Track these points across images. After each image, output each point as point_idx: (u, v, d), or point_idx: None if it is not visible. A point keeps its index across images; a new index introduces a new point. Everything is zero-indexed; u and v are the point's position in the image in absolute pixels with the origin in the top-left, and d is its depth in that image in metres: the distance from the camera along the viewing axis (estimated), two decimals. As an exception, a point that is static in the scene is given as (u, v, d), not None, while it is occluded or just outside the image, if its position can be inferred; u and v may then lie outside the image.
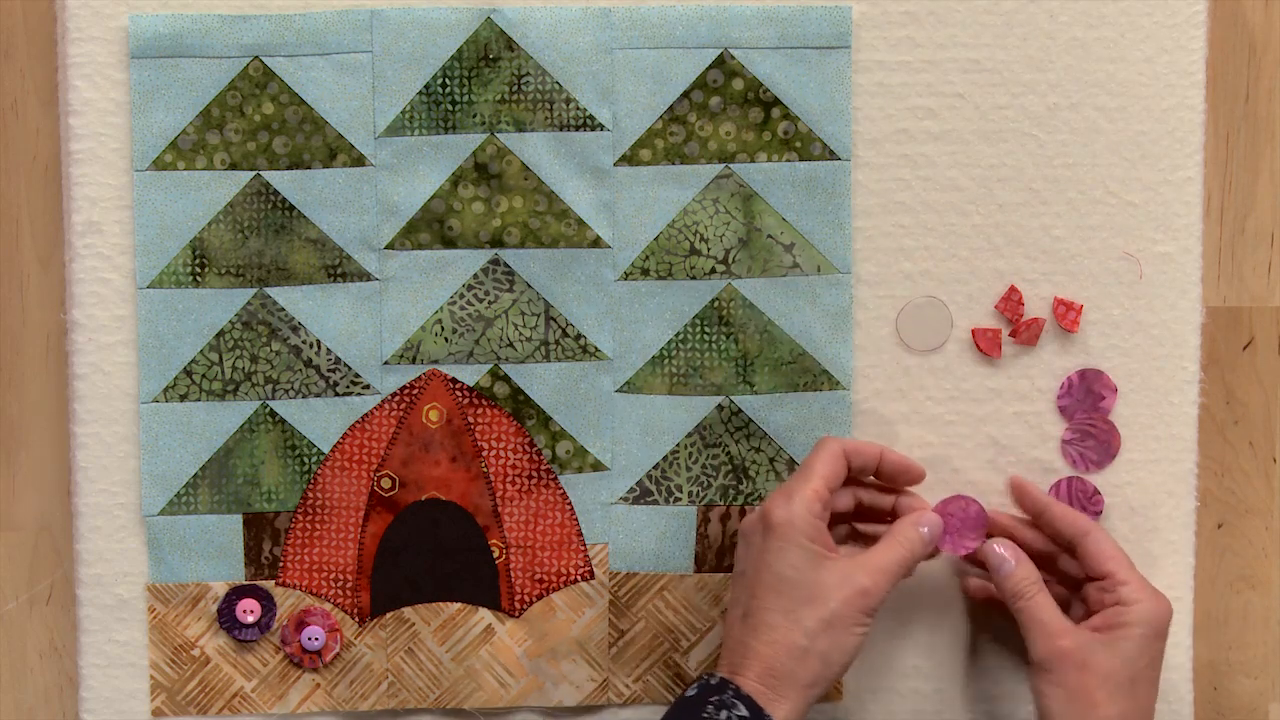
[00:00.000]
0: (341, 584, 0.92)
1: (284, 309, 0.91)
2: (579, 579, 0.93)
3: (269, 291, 0.91)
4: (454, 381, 0.92)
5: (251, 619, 0.92)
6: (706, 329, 0.92)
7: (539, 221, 0.91)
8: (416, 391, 0.92)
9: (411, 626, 0.93)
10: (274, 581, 0.92)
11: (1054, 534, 0.89)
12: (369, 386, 0.92)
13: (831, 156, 0.91)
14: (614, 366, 0.92)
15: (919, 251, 0.92)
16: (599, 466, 0.92)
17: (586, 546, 0.93)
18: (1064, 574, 0.90)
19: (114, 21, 0.89)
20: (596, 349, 0.92)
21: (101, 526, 0.91)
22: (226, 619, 0.92)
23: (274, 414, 0.91)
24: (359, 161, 0.90)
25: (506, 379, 0.92)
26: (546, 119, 0.90)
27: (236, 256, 0.91)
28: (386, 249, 0.91)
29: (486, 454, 0.92)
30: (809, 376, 0.92)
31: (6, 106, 0.92)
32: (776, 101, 0.91)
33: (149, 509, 0.91)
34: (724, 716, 0.81)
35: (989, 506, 0.91)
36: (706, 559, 0.93)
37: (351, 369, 0.91)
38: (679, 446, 0.92)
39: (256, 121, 0.90)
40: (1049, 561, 0.90)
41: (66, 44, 0.89)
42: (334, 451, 0.92)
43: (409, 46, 0.90)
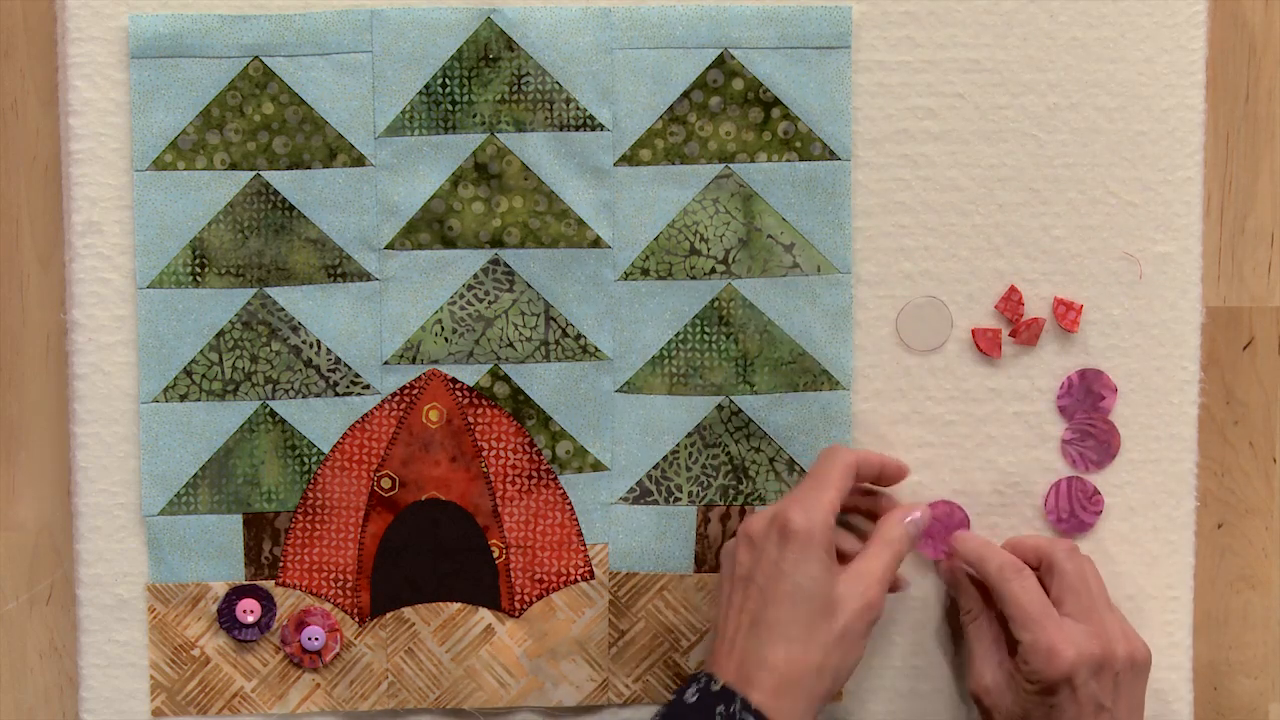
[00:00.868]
0: (341, 584, 0.92)
1: (284, 309, 0.91)
2: (579, 579, 0.93)
3: (269, 291, 0.91)
4: (454, 381, 0.92)
5: (251, 619, 0.92)
6: (706, 329, 0.92)
7: (539, 221, 0.91)
8: (416, 391, 0.92)
9: (411, 626, 0.93)
10: (274, 581, 0.92)
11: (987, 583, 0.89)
12: (369, 386, 0.92)
13: (831, 156, 0.91)
14: (614, 366, 0.92)
15: (919, 251, 0.92)
16: (599, 466, 0.92)
17: (586, 546, 0.93)
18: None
19: (114, 21, 0.89)
20: (596, 349, 0.92)
21: (101, 526, 0.91)
22: (226, 619, 0.92)
23: (274, 414, 0.91)
24: (359, 161, 0.90)
25: (506, 379, 0.92)
26: (546, 119, 0.90)
27: (236, 256, 0.91)
28: (386, 249, 0.91)
29: (486, 454, 0.92)
30: (809, 376, 0.92)
31: (6, 106, 0.92)
32: (776, 101, 0.91)
33: (149, 509, 0.91)
34: None
35: (987, 507, 0.91)
36: (706, 559, 0.93)
37: (351, 369, 0.91)
38: (679, 446, 0.92)
39: (256, 121, 0.90)
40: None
41: (66, 44, 0.89)
42: (334, 451, 0.92)
43: (409, 46, 0.90)
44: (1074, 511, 0.93)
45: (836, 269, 0.91)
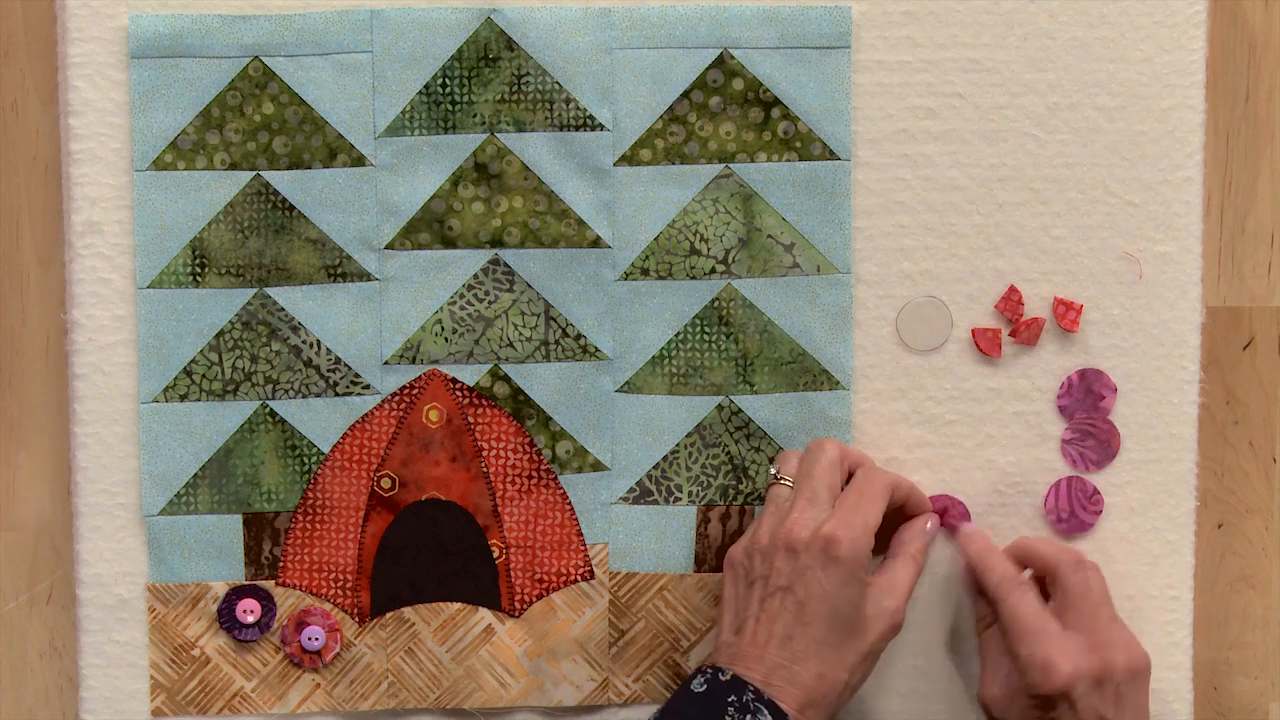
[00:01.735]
0: (341, 584, 0.92)
1: (284, 309, 0.91)
2: (579, 579, 0.93)
3: (269, 291, 0.91)
4: (454, 381, 0.92)
5: (251, 619, 0.92)
6: (706, 329, 0.92)
7: (539, 221, 0.91)
8: (416, 391, 0.92)
9: (411, 626, 0.93)
10: (274, 581, 0.92)
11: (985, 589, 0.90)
12: (369, 386, 0.92)
13: (831, 156, 0.91)
14: (614, 366, 0.92)
15: (919, 251, 0.92)
16: (599, 466, 0.92)
17: (586, 546, 0.93)
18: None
19: (114, 21, 0.89)
20: (596, 349, 0.92)
21: (101, 526, 0.91)
22: (226, 619, 0.92)
23: (274, 414, 0.91)
24: (359, 161, 0.90)
25: (506, 379, 0.92)
26: (546, 119, 0.90)
27: (236, 256, 0.91)
28: (386, 249, 0.91)
29: (486, 454, 0.92)
30: (809, 376, 0.92)
31: (6, 106, 0.92)
32: (776, 101, 0.91)
33: (149, 509, 0.91)
34: None
35: (987, 507, 0.91)
36: (706, 559, 0.93)
37: (351, 369, 0.91)
38: (679, 446, 0.92)
39: (256, 121, 0.90)
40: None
41: (66, 44, 0.89)
42: (334, 451, 0.92)
43: (409, 46, 0.90)
44: (1074, 511, 0.93)
45: (836, 269, 0.91)
